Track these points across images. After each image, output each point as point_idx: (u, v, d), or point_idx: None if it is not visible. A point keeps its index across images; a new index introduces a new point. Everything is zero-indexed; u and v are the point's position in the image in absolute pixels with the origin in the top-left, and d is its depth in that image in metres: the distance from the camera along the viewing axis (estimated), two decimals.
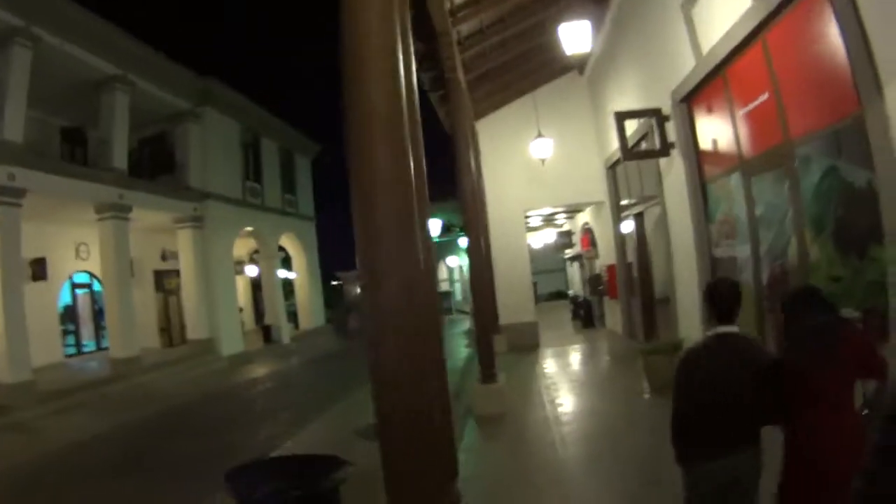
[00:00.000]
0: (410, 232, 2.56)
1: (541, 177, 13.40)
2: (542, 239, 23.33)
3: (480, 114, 13.84)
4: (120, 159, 15.71)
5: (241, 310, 23.22)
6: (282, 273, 25.60)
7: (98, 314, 18.48)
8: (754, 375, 2.70)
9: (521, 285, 14.29)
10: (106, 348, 16.55)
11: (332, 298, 33.13)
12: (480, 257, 8.80)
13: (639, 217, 10.95)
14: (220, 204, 19.61)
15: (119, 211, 15.39)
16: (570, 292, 21.65)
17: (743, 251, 6.09)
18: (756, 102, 5.44)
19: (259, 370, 17.03)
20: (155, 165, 18.89)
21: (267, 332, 22.73)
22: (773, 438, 2.81)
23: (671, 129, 7.62)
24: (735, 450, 2.71)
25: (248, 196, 21.84)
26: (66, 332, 17.58)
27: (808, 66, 4.55)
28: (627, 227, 11.89)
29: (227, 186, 20.30)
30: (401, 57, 2.64)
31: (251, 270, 25.79)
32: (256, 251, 24.35)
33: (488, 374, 8.14)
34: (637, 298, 11.57)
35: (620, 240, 12.47)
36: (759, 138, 5.55)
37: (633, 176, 10.84)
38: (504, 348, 12.77)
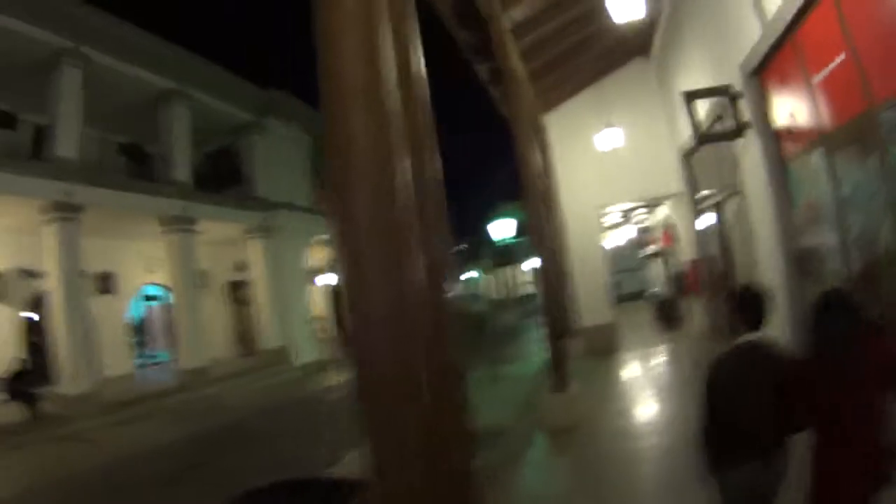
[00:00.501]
0: (400, 228, 2.18)
1: (615, 171, 12.69)
2: (623, 236, 22.40)
3: (549, 106, 13.29)
4: (182, 172, 16.23)
5: (321, 318, 23.52)
6: None
7: (169, 325, 19.09)
8: (780, 383, 2.66)
9: (597, 285, 13.60)
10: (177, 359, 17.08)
11: None
12: (549, 256, 8.33)
13: (718, 207, 10.11)
14: (289, 213, 19.88)
15: (183, 223, 15.82)
16: (654, 290, 20.57)
17: (829, 239, 5.32)
18: (831, 66, 4.70)
19: (332, 379, 16.77)
20: (222, 178, 19.39)
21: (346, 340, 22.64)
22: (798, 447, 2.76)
23: (744, 107, 6.89)
24: (762, 457, 2.70)
25: (319, 204, 22.06)
26: (137, 344, 18.33)
27: (887, 16, 3.86)
28: (707, 219, 11.03)
29: (297, 195, 20.59)
30: (386, 19, 2.32)
31: (331, 278, 26.11)
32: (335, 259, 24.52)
33: (559, 383, 7.67)
34: (720, 296, 10.69)
35: (701, 233, 11.61)
36: (838, 107, 4.80)
37: (710, 164, 10.01)
38: (581, 352, 12.20)
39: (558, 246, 12.51)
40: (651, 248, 20.24)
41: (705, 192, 10.88)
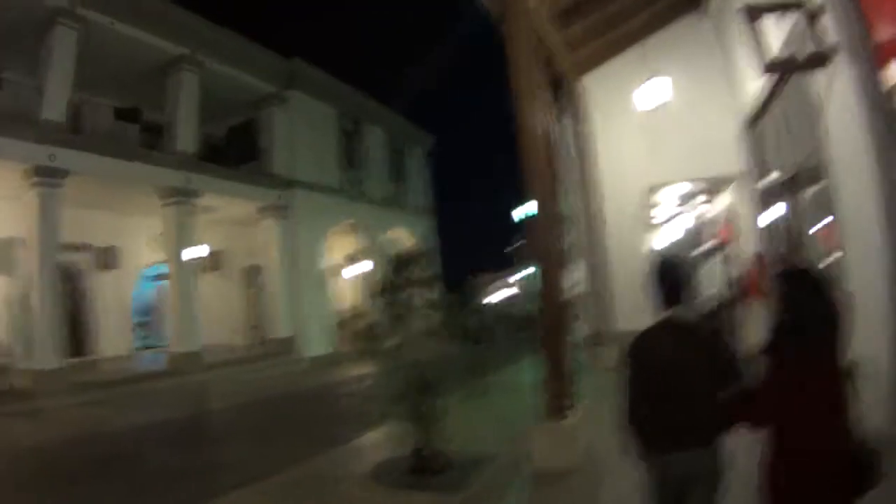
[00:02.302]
0: None
1: (664, 146, 10.80)
2: (679, 229, 19.89)
3: (584, 67, 11.27)
4: (185, 142, 15.00)
5: (349, 310, 22.13)
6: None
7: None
8: (707, 362, 2.53)
9: (637, 284, 11.48)
10: None
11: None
12: (549, 242, 6.37)
13: (789, 190, 7.88)
14: (309, 193, 18.50)
15: (183, 196, 14.61)
16: (709, 294, 18.04)
17: None
18: None
19: (338, 374, 15.21)
20: (242, 153, 18.12)
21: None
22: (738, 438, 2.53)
23: (828, 25, 4.76)
24: (693, 444, 2.50)
25: (346, 186, 20.57)
26: (140, 325, 17.40)
27: None
28: (775, 207, 8.77)
29: (319, 174, 19.17)
30: None
31: (362, 268, 24.61)
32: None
33: (554, 406, 5.75)
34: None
35: (766, 225, 9.34)
36: None
37: (780, 134, 7.84)
38: (613, 362, 10.15)
39: (591, 236, 10.80)
40: (708, 244, 17.72)
41: (772, 173, 8.64)
